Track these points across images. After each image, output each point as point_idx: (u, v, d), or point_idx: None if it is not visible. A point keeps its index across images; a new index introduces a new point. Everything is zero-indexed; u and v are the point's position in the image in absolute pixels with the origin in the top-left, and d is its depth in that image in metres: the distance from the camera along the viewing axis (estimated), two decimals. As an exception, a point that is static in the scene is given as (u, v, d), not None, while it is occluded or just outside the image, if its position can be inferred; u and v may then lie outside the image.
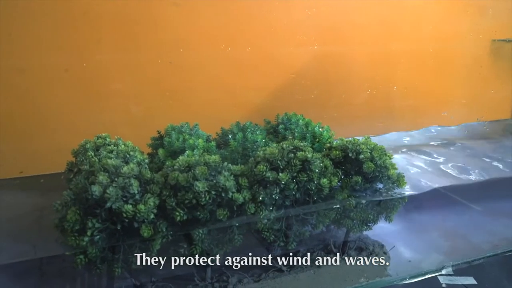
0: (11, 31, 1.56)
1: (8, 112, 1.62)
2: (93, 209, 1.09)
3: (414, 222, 1.77)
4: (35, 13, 1.57)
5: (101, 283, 1.30)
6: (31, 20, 1.57)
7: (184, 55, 1.77)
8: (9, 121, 1.61)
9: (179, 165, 1.17)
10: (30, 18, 1.57)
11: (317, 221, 1.35)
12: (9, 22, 1.55)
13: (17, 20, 1.56)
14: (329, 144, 1.42)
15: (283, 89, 1.99)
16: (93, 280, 1.32)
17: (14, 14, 1.55)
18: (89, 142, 1.38)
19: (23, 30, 1.58)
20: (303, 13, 1.91)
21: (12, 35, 1.56)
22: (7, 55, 1.58)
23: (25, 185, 1.61)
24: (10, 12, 1.55)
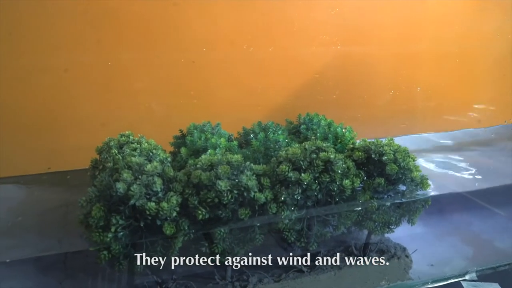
0: (35, 30, 1.59)
1: (35, 110, 1.66)
2: (117, 206, 1.11)
3: (437, 225, 1.74)
4: (59, 13, 1.60)
5: (123, 279, 1.31)
6: (54, 20, 1.60)
7: (207, 55, 1.77)
8: (36, 119, 1.65)
9: (201, 164, 1.17)
10: (54, 18, 1.60)
11: (339, 222, 1.34)
12: (30, 21, 1.58)
13: (39, 20, 1.59)
14: (352, 145, 1.40)
15: (305, 89, 1.98)
16: (115, 275, 1.34)
17: (37, 14, 1.58)
18: (112, 140, 1.40)
19: (47, 30, 1.61)
20: (326, 13, 1.90)
21: (37, 34, 1.60)
22: (31, 54, 1.61)
23: (53, 180, 1.65)
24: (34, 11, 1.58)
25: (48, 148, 1.68)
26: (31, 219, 1.35)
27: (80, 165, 1.42)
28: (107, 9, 1.65)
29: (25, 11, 1.57)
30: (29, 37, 1.60)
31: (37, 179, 1.64)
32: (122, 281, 1.31)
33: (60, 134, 1.69)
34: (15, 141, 1.65)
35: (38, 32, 1.60)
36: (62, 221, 1.39)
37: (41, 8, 1.58)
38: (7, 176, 1.62)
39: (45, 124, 1.67)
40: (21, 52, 1.61)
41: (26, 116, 1.65)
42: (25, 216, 1.37)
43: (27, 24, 1.58)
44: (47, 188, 1.58)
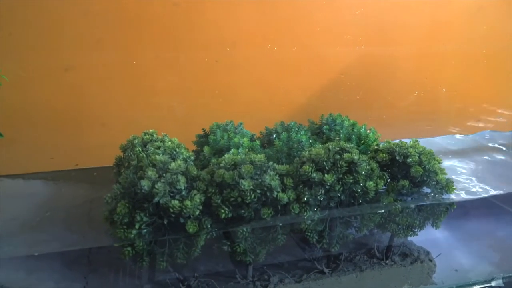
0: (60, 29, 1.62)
1: (64, 108, 1.69)
2: (141, 203, 1.12)
3: (462, 230, 1.71)
4: (84, 12, 1.63)
5: (145, 275, 1.33)
6: (79, 19, 1.64)
7: (231, 54, 1.78)
8: (64, 116, 1.69)
9: (225, 163, 1.18)
10: (79, 17, 1.63)
11: (361, 224, 1.33)
12: (59, 20, 1.62)
13: (68, 19, 1.63)
14: (376, 147, 1.39)
15: (328, 89, 1.96)
16: (138, 272, 1.35)
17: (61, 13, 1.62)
18: (136, 138, 1.42)
19: (73, 29, 1.64)
20: (351, 12, 1.88)
21: (63, 33, 1.63)
22: (58, 53, 1.65)
23: (79, 177, 1.69)
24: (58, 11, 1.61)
25: (75, 146, 1.72)
26: (58, 214, 1.39)
27: (106, 162, 1.45)
28: (132, 9, 1.67)
29: (51, 10, 1.60)
30: (55, 35, 1.63)
31: (65, 176, 1.68)
32: (144, 277, 1.32)
33: (87, 131, 1.72)
34: (44, 138, 1.70)
35: (63, 31, 1.64)
36: (87, 217, 1.41)
37: (66, 7, 1.61)
38: (37, 171, 1.67)
39: (72, 122, 1.71)
40: (49, 50, 1.65)
41: (54, 113, 1.69)
42: (52, 211, 1.40)
43: (52, 23, 1.62)
44: (73, 184, 1.62)
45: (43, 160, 1.72)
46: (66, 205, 1.44)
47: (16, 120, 1.65)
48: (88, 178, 1.66)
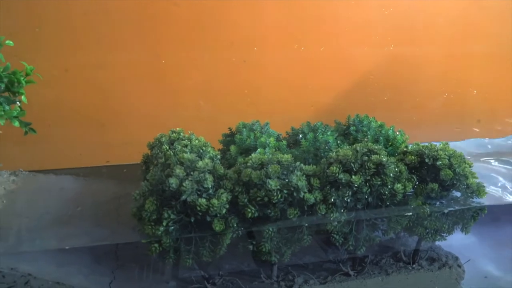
0: (93, 28, 1.66)
1: (95, 105, 1.74)
2: (169, 200, 1.14)
3: (493, 236, 1.66)
4: (117, 12, 1.67)
5: (171, 271, 1.35)
6: (112, 19, 1.67)
7: (258, 54, 1.79)
8: (96, 114, 1.73)
9: (252, 162, 1.18)
10: (112, 16, 1.67)
11: (388, 227, 1.31)
12: (89, 20, 1.65)
13: (98, 18, 1.66)
14: (405, 149, 1.37)
15: (355, 90, 1.94)
16: (163, 268, 1.37)
17: (95, 12, 1.65)
18: (164, 136, 1.44)
19: (105, 28, 1.68)
20: (379, 12, 1.86)
21: (94, 33, 1.67)
22: (90, 52, 1.69)
23: (110, 173, 1.73)
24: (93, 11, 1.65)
25: (107, 142, 1.76)
26: (88, 210, 1.42)
27: (136, 159, 1.47)
28: (161, 9, 1.70)
29: (86, 10, 1.64)
30: (86, 35, 1.67)
31: (96, 172, 1.72)
32: (170, 274, 1.34)
33: (118, 129, 1.76)
34: (77, 135, 1.74)
35: (96, 30, 1.67)
36: (115, 213, 1.44)
37: (100, 7, 1.65)
38: (69, 167, 1.71)
39: (104, 119, 1.75)
40: (81, 49, 1.69)
41: (86, 111, 1.73)
42: (83, 207, 1.43)
43: (85, 22, 1.65)
44: (104, 180, 1.65)
45: (75, 156, 1.76)
46: (96, 200, 1.47)
47: (48, 117, 1.70)
48: (118, 174, 1.69)
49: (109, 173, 1.73)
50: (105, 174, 1.73)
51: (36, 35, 1.63)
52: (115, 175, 1.68)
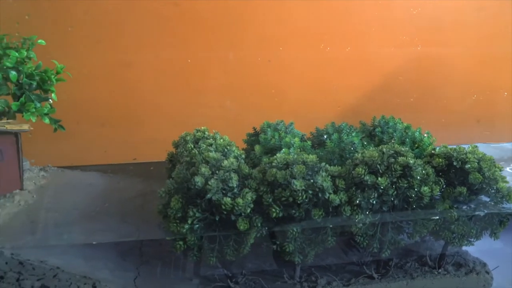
0: (121, 28, 1.69)
1: (122, 104, 1.77)
2: (194, 199, 1.15)
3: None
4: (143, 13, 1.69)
5: (195, 269, 1.36)
6: (138, 19, 1.70)
7: (283, 54, 1.79)
8: (123, 112, 1.77)
9: (277, 162, 1.18)
10: (138, 17, 1.69)
11: (414, 230, 1.29)
12: (118, 19, 1.69)
13: (126, 18, 1.69)
14: (433, 151, 1.34)
15: (381, 91, 1.92)
16: (187, 265, 1.38)
17: (123, 13, 1.68)
18: (189, 135, 1.45)
19: (132, 28, 1.70)
20: (407, 12, 1.83)
21: (123, 32, 1.70)
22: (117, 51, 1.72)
23: (136, 171, 1.76)
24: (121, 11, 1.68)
25: (135, 140, 1.79)
26: (115, 206, 1.45)
27: (162, 157, 1.49)
28: (188, 9, 1.71)
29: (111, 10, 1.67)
30: (115, 34, 1.70)
31: (123, 169, 1.75)
32: (193, 271, 1.35)
33: (144, 127, 1.79)
34: (105, 132, 1.78)
35: (123, 30, 1.70)
36: (140, 210, 1.46)
37: (126, 8, 1.68)
38: (98, 164, 1.75)
39: (131, 117, 1.78)
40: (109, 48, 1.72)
41: (113, 109, 1.77)
42: (110, 203, 1.46)
43: (113, 22, 1.69)
44: (130, 177, 1.68)
45: (104, 153, 1.80)
46: (122, 197, 1.50)
47: (77, 114, 1.74)
48: (144, 172, 1.72)
49: (135, 170, 1.76)
50: (131, 171, 1.76)
51: (68, 34, 1.67)
52: (141, 172, 1.71)
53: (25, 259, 1.20)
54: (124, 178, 1.66)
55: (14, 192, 1.43)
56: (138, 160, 1.82)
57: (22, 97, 1.46)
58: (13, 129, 1.36)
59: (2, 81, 1.43)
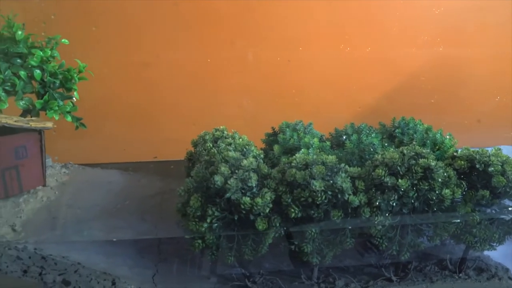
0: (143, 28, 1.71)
1: (142, 102, 1.80)
2: (213, 198, 1.15)
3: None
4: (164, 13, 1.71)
5: (212, 268, 1.36)
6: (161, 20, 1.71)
7: (303, 54, 1.78)
8: (143, 110, 1.79)
9: (296, 162, 1.18)
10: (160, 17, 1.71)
11: (435, 233, 1.27)
12: (138, 20, 1.71)
13: (145, 18, 1.71)
14: (455, 153, 1.32)
15: (401, 92, 1.90)
16: (204, 264, 1.39)
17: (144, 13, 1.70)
18: (208, 134, 1.46)
19: (154, 28, 1.72)
20: (430, 12, 1.81)
21: (143, 32, 1.72)
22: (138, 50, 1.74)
23: (157, 169, 1.78)
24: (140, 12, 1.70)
25: (155, 139, 1.81)
26: (135, 203, 1.47)
27: (179, 156, 1.51)
28: (208, 9, 1.72)
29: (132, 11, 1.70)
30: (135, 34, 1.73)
31: (144, 167, 1.78)
32: (211, 270, 1.35)
33: (165, 126, 1.81)
34: (127, 131, 1.81)
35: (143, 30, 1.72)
36: (159, 208, 1.48)
37: (150, 7, 1.70)
38: (119, 162, 1.78)
39: (151, 116, 1.80)
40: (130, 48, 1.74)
41: (134, 108, 1.79)
42: (130, 200, 1.48)
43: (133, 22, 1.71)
44: (150, 175, 1.71)
45: (126, 151, 1.82)
46: (142, 195, 1.52)
47: (98, 113, 1.77)
48: (164, 170, 1.74)
49: (155, 169, 1.78)
50: (151, 170, 1.78)
51: (92, 34, 1.69)
52: (161, 171, 1.73)
53: (48, 254, 1.23)
54: (144, 176, 1.68)
55: (37, 188, 1.46)
56: (158, 159, 1.84)
57: (46, 95, 1.49)
58: (37, 126, 1.39)
59: (27, 80, 1.47)
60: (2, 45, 1.44)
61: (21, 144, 1.39)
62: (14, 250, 1.21)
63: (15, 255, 1.21)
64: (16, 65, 1.44)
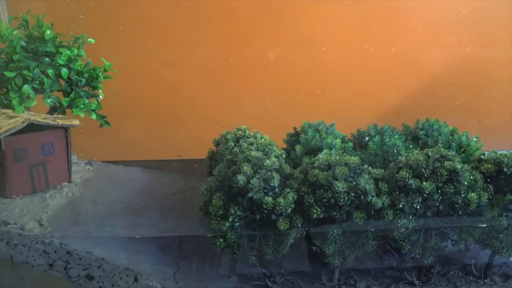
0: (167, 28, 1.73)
1: (166, 101, 1.82)
2: (235, 197, 1.16)
3: None
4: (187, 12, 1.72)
5: (232, 267, 1.37)
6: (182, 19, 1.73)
7: (326, 54, 1.77)
8: (166, 109, 1.81)
9: (319, 163, 1.17)
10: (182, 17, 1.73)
11: (459, 237, 1.24)
12: (160, 20, 1.72)
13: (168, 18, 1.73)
14: (481, 156, 1.29)
15: (426, 93, 1.87)
16: (225, 263, 1.39)
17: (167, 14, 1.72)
18: (229, 133, 1.47)
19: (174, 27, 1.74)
20: (457, 12, 1.77)
21: (163, 32, 1.74)
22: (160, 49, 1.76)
23: (180, 167, 1.80)
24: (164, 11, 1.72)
25: (179, 137, 1.83)
26: (158, 201, 1.48)
27: (201, 155, 1.52)
28: (231, 9, 1.73)
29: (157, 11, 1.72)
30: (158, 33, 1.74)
31: (168, 165, 1.80)
32: (231, 268, 1.36)
33: (188, 124, 1.83)
34: (150, 129, 1.84)
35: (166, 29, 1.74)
36: (180, 206, 1.49)
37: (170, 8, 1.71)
38: (142, 160, 1.80)
39: (173, 115, 1.82)
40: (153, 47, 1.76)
41: (157, 106, 1.82)
42: (154, 198, 1.50)
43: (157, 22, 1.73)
44: (174, 173, 1.73)
45: (150, 150, 1.85)
46: (165, 192, 1.54)
47: (122, 111, 1.80)
48: (187, 168, 1.76)
49: (179, 167, 1.80)
50: (175, 168, 1.80)
51: (119, 33, 1.72)
52: (184, 169, 1.74)
53: (72, 249, 1.25)
54: (167, 174, 1.70)
55: (63, 184, 1.49)
56: (182, 157, 1.86)
57: (72, 93, 1.53)
58: (64, 124, 1.42)
59: (54, 78, 1.50)
60: (32, 44, 1.48)
61: (48, 141, 1.42)
62: (41, 244, 1.24)
63: (41, 249, 1.24)
64: (44, 63, 1.48)
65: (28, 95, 1.46)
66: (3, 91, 1.50)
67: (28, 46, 1.48)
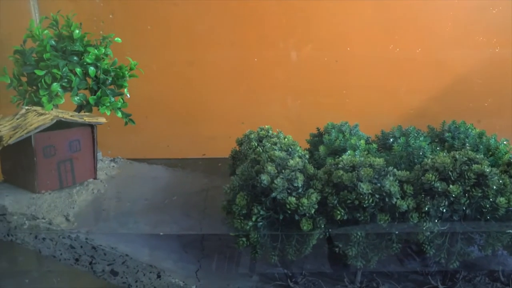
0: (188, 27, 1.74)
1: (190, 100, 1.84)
2: (259, 196, 1.16)
3: None
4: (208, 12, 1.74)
5: (253, 266, 1.37)
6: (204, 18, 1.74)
7: (351, 54, 1.76)
8: (191, 108, 1.83)
9: (343, 164, 1.16)
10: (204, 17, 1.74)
11: (487, 243, 1.21)
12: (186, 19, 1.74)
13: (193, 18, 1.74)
14: (511, 160, 1.26)
15: (452, 94, 1.83)
16: (246, 262, 1.40)
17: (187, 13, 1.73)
18: (253, 133, 1.47)
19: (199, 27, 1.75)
20: (486, 11, 1.73)
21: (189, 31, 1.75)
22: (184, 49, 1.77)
23: (205, 166, 1.82)
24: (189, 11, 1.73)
25: (204, 136, 1.85)
26: (181, 199, 1.50)
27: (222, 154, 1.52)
28: (253, 9, 1.73)
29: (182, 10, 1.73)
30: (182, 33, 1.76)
31: (193, 164, 1.82)
32: (253, 268, 1.36)
33: (213, 124, 1.84)
34: (175, 128, 1.86)
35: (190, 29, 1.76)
36: (203, 204, 1.50)
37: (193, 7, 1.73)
38: (166, 158, 1.82)
39: (200, 114, 1.84)
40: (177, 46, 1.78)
41: (181, 105, 1.84)
42: (177, 196, 1.52)
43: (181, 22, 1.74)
44: (198, 172, 1.74)
45: (176, 148, 1.88)
46: (188, 191, 1.55)
47: (146, 109, 1.82)
48: (211, 167, 1.77)
49: (203, 166, 1.82)
50: (199, 166, 1.81)
51: (146, 33, 1.75)
52: (208, 168, 1.76)
53: (98, 244, 1.28)
54: (190, 172, 1.72)
55: (89, 181, 1.52)
56: (207, 156, 1.87)
57: (99, 91, 1.56)
58: (91, 121, 1.45)
59: (82, 76, 1.53)
60: (61, 43, 1.52)
61: (75, 138, 1.45)
62: (67, 239, 1.27)
63: (68, 243, 1.27)
64: (72, 62, 1.51)
65: (57, 93, 1.49)
66: (33, 88, 1.54)
67: (57, 45, 1.52)
